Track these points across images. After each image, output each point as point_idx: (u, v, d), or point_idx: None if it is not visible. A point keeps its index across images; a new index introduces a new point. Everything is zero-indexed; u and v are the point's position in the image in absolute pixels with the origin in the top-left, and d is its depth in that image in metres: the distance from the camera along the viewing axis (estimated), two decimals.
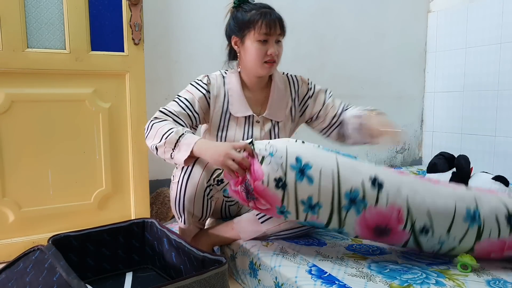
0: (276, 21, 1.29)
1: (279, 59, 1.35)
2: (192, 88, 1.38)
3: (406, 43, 2.84)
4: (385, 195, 1.06)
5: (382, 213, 1.07)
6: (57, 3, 1.51)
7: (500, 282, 1.02)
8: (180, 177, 1.24)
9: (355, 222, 1.09)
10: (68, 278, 0.91)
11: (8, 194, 1.50)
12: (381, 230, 1.09)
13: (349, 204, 1.07)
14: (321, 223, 1.11)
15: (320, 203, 1.07)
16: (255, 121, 1.39)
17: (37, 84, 1.52)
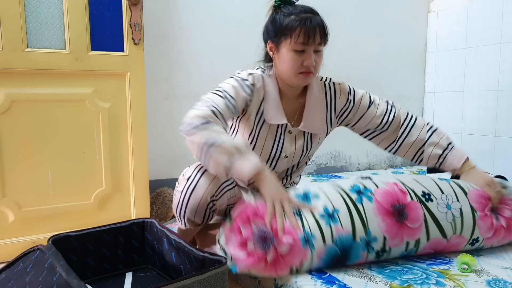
0: (317, 29, 1.18)
1: (318, 69, 1.25)
2: (238, 85, 1.22)
3: (406, 43, 2.84)
4: (377, 180, 1.18)
5: (387, 191, 1.14)
6: (57, 3, 1.51)
7: (500, 282, 1.02)
8: (184, 187, 1.20)
9: (374, 212, 1.10)
10: (68, 278, 0.91)
11: (8, 194, 1.50)
12: (399, 210, 1.11)
13: (358, 196, 1.12)
14: (347, 233, 1.06)
15: (336, 208, 1.09)
16: (287, 131, 1.29)
17: (37, 84, 1.52)
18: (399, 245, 1.12)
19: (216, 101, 1.16)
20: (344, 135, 2.68)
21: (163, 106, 2.07)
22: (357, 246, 1.07)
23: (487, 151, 2.50)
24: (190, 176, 1.20)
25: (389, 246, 1.10)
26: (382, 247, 1.10)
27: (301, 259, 1.04)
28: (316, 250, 1.04)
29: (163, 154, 2.08)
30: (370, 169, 2.80)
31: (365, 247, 1.08)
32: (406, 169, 2.77)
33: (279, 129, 1.29)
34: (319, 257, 1.05)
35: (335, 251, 1.05)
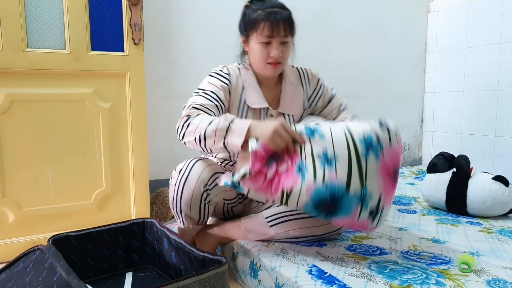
0: (280, 22, 1.24)
1: (286, 59, 1.32)
2: (213, 79, 1.32)
3: (406, 43, 2.84)
4: (394, 133, 1.09)
5: (396, 151, 1.09)
6: (57, 3, 1.51)
7: (500, 282, 1.02)
8: (177, 180, 1.23)
9: (376, 172, 1.05)
10: (68, 278, 0.91)
11: (8, 194, 1.50)
12: (395, 171, 1.10)
13: (366, 150, 1.04)
14: (341, 183, 1.03)
15: (336, 155, 1.04)
16: (269, 115, 1.37)
17: (37, 84, 1.52)
18: (389, 203, 1.11)
19: (194, 100, 1.26)
20: None
21: (163, 106, 2.07)
22: (349, 198, 1.04)
23: (487, 151, 2.50)
24: (182, 168, 1.24)
25: (383, 205, 1.08)
26: (377, 204, 1.07)
27: (292, 184, 1.05)
28: (306, 183, 1.04)
29: (163, 154, 2.08)
30: None
31: (358, 201, 1.05)
32: (406, 169, 2.78)
33: (261, 112, 1.37)
34: (308, 191, 1.04)
35: (324, 194, 1.04)
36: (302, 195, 1.05)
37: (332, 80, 2.59)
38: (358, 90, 2.70)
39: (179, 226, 1.34)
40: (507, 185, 1.61)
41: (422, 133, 2.99)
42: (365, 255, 1.21)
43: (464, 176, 1.66)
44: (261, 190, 1.10)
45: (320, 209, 1.07)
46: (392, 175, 1.09)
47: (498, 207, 1.60)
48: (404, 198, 1.97)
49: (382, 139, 1.06)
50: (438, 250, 1.25)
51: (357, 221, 1.08)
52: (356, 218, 1.07)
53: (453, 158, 1.77)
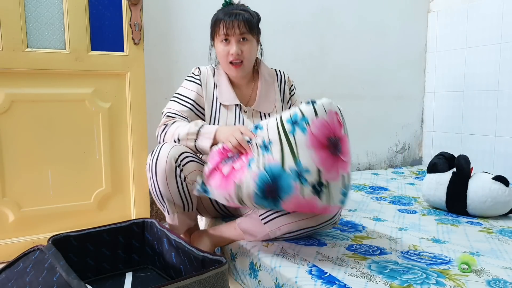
0: (235, 22, 1.32)
1: (248, 57, 1.37)
2: (187, 83, 1.44)
3: (406, 43, 2.84)
4: (321, 105, 1.09)
5: (325, 123, 1.08)
6: (57, 3, 1.51)
7: (500, 282, 1.02)
8: (149, 162, 1.27)
9: (306, 145, 1.06)
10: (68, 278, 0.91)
11: (8, 194, 1.50)
12: (334, 143, 1.08)
13: (292, 127, 1.08)
14: (277, 163, 1.07)
15: (270, 140, 1.09)
16: (243, 111, 1.43)
17: (37, 84, 1.52)
18: (335, 178, 1.09)
19: (170, 106, 1.40)
20: None
21: (163, 106, 2.06)
22: (286, 176, 1.06)
23: (487, 151, 2.50)
24: (153, 151, 1.28)
25: (326, 180, 1.07)
26: (317, 179, 1.06)
27: (241, 176, 1.10)
28: (251, 171, 1.09)
29: None
30: (370, 169, 2.81)
31: (296, 177, 1.06)
32: (406, 169, 2.78)
33: (236, 109, 1.43)
34: (253, 179, 1.08)
35: (266, 177, 1.07)
36: (249, 184, 1.08)
37: (332, 80, 2.60)
38: (358, 90, 2.70)
39: (168, 221, 1.34)
40: (507, 185, 1.61)
41: (422, 133, 2.99)
42: (365, 255, 1.21)
43: (464, 176, 1.66)
44: (219, 188, 1.15)
45: (267, 195, 1.08)
46: (327, 147, 1.07)
47: (498, 207, 1.60)
48: (404, 198, 1.97)
49: (306, 113, 1.09)
50: (438, 250, 1.25)
51: (304, 199, 1.07)
52: (300, 195, 1.07)
53: (453, 158, 1.77)
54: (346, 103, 2.67)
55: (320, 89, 2.56)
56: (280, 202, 1.09)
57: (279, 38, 2.39)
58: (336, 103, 1.16)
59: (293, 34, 2.43)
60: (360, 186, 2.24)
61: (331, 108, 1.10)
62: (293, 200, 1.08)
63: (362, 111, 2.74)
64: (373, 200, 1.91)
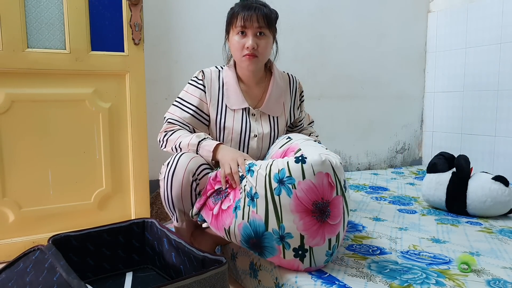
0: (253, 15, 1.28)
1: (263, 53, 1.33)
2: (190, 88, 1.40)
3: (406, 43, 2.84)
4: (309, 166, 1.02)
5: (312, 186, 1.01)
6: (57, 3, 1.51)
7: (500, 282, 1.03)
8: (165, 173, 1.25)
9: (290, 209, 1.01)
10: (68, 278, 0.91)
11: (8, 194, 1.50)
12: (321, 208, 1.01)
13: (278, 186, 1.02)
14: (261, 220, 1.03)
15: (257, 193, 1.05)
16: (251, 114, 1.39)
17: (37, 84, 1.52)
18: (320, 244, 1.04)
19: (172, 111, 1.39)
20: (344, 135, 2.69)
21: (163, 106, 2.07)
22: (269, 236, 1.03)
23: (487, 151, 2.50)
24: (169, 161, 1.26)
25: (309, 245, 1.03)
26: (300, 245, 1.03)
27: (229, 222, 1.11)
28: (237, 220, 1.08)
29: (163, 154, 2.07)
30: (370, 169, 2.81)
31: (279, 241, 1.03)
32: (406, 169, 2.78)
33: (243, 112, 1.39)
34: (238, 228, 1.08)
35: (250, 231, 1.06)
36: (236, 232, 1.09)
37: (332, 80, 2.60)
38: (358, 90, 2.71)
39: (174, 225, 1.34)
40: (507, 185, 1.61)
41: (422, 133, 3.00)
42: (365, 255, 1.21)
43: (464, 176, 1.66)
44: (212, 226, 1.19)
45: (252, 247, 1.09)
46: (312, 213, 1.01)
47: (498, 207, 1.60)
48: (404, 198, 1.98)
49: (293, 173, 1.02)
50: (438, 250, 1.25)
51: (286, 261, 1.06)
52: (283, 257, 1.05)
53: (453, 158, 1.77)
54: (346, 103, 2.68)
55: (320, 89, 2.56)
56: (265, 257, 1.08)
57: (279, 38, 2.37)
58: (333, 158, 1.06)
59: (293, 34, 2.43)
60: (360, 186, 2.24)
61: (322, 169, 1.02)
62: (277, 259, 1.08)
63: (362, 111, 2.74)
64: (373, 200, 1.91)
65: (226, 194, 1.16)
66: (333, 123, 2.63)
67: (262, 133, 1.40)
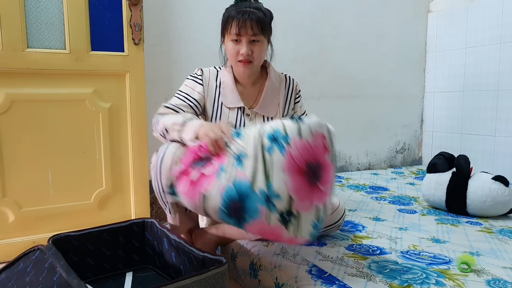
0: (248, 21, 1.28)
1: (257, 58, 1.34)
2: (188, 81, 1.42)
3: (406, 43, 2.84)
4: (307, 125, 0.98)
5: (307, 145, 0.96)
6: (57, 3, 1.51)
7: (500, 282, 1.03)
8: (155, 162, 1.24)
9: (282, 167, 0.95)
10: (68, 278, 0.91)
11: (8, 194, 1.50)
12: (314, 169, 0.97)
13: (271, 144, 0.96)
14: (247, 180, 0.96)
15: (246, 152, 0.99)
16: (245, 114, 1.40)
17: (37, 84, 1.52)
18: (308, 209, 0.98)
19: (171, 101, 1.38)
20: (344, 135, 2.69)
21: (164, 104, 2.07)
22: (254, 197, 0.95)
23: (487, 151, 2.50)
24: (158, 151, 1.26)
25: (296, 209, 0.97)
26: (287, 208, 0.96)
27: (207, 185, 1.01)
28: (220, 183, 0.99)
29: None
30: (370, 169, 2.81)
31: (264, 202, 0.95)
32: (406, 169, 2.78)
33: (238, 112, 1.40)
34: (220, 192, 0.98)
35: (234, 193, 0.97)
36: (216, 197, 0.99)
37: (332, 80, 2.60)
38: (358, 90, 2.71)
39: (169, 221, 1.34)
40: (507, 185, 1.61)
41: (422, 133, 3.00)
42: (365, 255, 1.21)
43: (464, 176, 1.66)
44: (186, 195, 1.06)
45: (231, 214, 0.99)
46: (305, 173, 0.96)
47: (498, 207, 1.60)
48: (404, 198, 1.98)
49: (289, 131, 0.97)
50: (438, 250, 1.25)
51: (269, 226, 0.97)
52: (266, 221, 0.96)
53: (453, 158, 1.77)
54: (346, 103, 2.68)
55: (320, 89, 2.56)
56: (244, 224, 0.99)
57: (279, 38, 2.38)
58: (329, 121, 1.06)
59: (293, 34, 2.43)
60: (360, 186, 2.24)
61: (319, 129, 0.99)
62: (258, 225, 0.98)
63: (362, 111, 2.74)
64: (373, 200, 1.92)
65: (209, 159, 1.07)
66: (333, 123, 2.59)
67: None
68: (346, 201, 1.88)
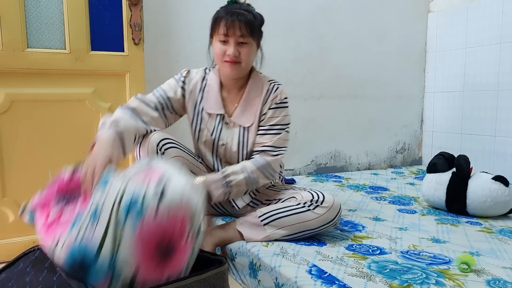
0: (236, 23, 1.27)
1: (245, 60, 1.32)
2: (171, 81, 1.43)
3: (406, 43, 2.84)
4: (168, 200, 0.89)
5: (163, 224, 0.89)
6: (57, 3, 1.52)
7: (500, 282, 1.03)
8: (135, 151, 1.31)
9: (131, 241, 0.88)
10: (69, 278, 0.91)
11: (8, 194, 1.50)
12: (164, 249, 0.90)
13: (126, 212, 0.88)
14: (94, 244, 0.87)
15: (102, 211, 0.90)
16: (225, 122, 1.39)
17: (37, 84, 1.52)
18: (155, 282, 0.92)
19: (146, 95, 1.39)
20: (344, 135, 2.69)
21: None
22: (98, 264, 0.87)
23: (487, 151, 2.50)
24: None
25: (141, 283, 0.91)
26: (131, 280, 0.90)
27: (60, 237, 0.91)
28: (70, 238, 0.89)
29: None
30: (370, 169, 2.81)
31: (108, 270, 0.88)
32: (406, 169, 2.78)
33: (217, 118, 1.39)
34: (66, 249, 0.88)
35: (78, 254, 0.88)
36: (62, 251, 0.88)
37: (332, 80, 2.60)
38: (358, 90, 2.71)
39: None
40: (507, 185, 1.61)
41: (422, 133, 3.00)
42: (365, 255, 1.21)
43: (464, 176, 1.66)
44: (39, 232, 0.97)
45: (74, 273, 0.89)
46: (154, 251, 0.89)
47: (498, 207, 1.60)
48: (404, 198, 1.98)
49: (145, 206, 0.88)
50: (438, 250, 1.25)
51: None
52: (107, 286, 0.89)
53: (453, 158, 1.77)
54: (346, 103, 2.68)
55: (320, 89, 2.56)
56: (87, 285, 0.89)
57: (279, 38, 2.39)
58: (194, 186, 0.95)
59: (293, 34, 2.43)
60: (360, 186, 2.24)
61: (178, 211, 0.90)
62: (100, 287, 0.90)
63: (362, 111, 2.74)
64: (373, 200, 1.92)
65: (75, 198, 0.99)
66: (333, 123, 2.63)
67: (230, 143, 1.39)
68: (346, 201, 1.88)
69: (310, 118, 2.54)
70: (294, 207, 1.27)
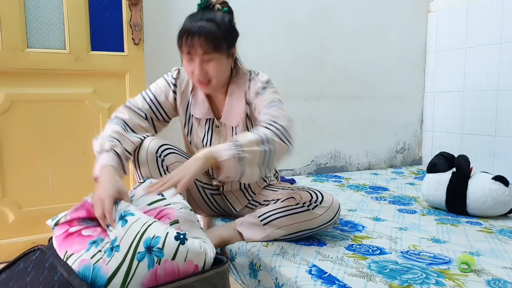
0: (196, 41, 1.16)
1: (216, 77, 1.22)
2: (161, 80, 1.37)
3: (406, 43, 2.85)
4: (185, 250, 0.93)
5: (176, 269, 0.93)
6: (57, 3, 1.52)
7: (500, 282, 1.03)
8: (132, 158, 1.27)
9: (141, 281, 0.92)
10: (70, 278, 0.91)
11: (8, 194, 1.50)
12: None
13: (144, 253, 0.92)
14: (106, 273, 0.92)
15: (120, 245, 0.94)
16: (214, 125, 1.36)
17: (37, 84, 1.52)
18: None
19: (135, 98, 1.33)
20: (344, 135, 2.69)
21: None
22: None
23: (487, 151, 2.50)
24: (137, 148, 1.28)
25: None
26: None
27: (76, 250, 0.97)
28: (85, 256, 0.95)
29: None
30: (370, 169, 2.81)
31: None
32: (406, 169, 2.78)
33: (207, 122, 1.36)
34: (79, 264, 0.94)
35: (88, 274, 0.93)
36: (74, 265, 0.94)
37: (332, 80, 2.60)
38: (358, 90, 2.71)
39: None
40: (507, 185, 1.61)
41: (422, 133, 3.00)
42: (365, 255, 1.21)
43: (464, 176, 1.66)
44: (55, 240, 1.03)
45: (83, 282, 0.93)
46: None
47: (498, 207, 1.60)
48: (404, 198, 1.98)
49: (166, 249, 0.92)
50: (438, 250, 1.25)
51: None
52: None
53: (453, 158, 1.77)
54: (346, 103, 2.69)
55: (320, 89, 2.57)
56: None
57: (279, 38, 2.39)
58: None
59: (292, 34, 2.43)
60: (360, 186, 2.24)
61: (194, 259, 0.94)
62: None
63: (362, 111, 2.74)
64: (373, 200, 1.92)
65: (94, 223, 1.04)
66: (333, 123, 2.63)
67: None
68: (346, 201, 1.88)
69: (310, 118, 2.54)
70: (293, 207, 1.27)
